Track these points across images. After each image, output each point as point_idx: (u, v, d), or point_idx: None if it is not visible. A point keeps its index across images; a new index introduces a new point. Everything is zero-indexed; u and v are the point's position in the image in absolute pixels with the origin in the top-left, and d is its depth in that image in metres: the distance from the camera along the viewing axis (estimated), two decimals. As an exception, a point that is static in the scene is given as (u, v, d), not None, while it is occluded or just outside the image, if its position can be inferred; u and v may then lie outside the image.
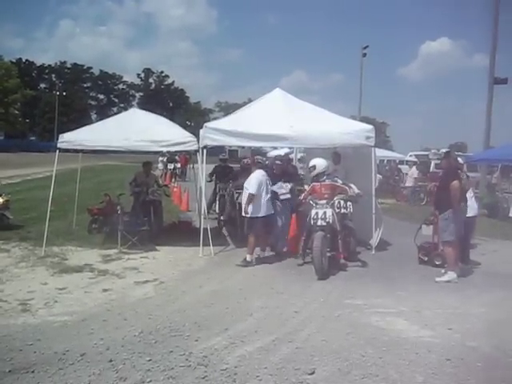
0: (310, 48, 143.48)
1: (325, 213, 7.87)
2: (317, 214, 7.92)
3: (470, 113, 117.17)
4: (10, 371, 4.13)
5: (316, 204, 8.11)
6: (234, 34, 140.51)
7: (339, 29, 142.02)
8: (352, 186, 8.86)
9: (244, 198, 8.59)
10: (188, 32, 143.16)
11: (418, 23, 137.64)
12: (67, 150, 9.47)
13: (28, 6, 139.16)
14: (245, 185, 8.67)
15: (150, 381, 4.03)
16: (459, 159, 9.15)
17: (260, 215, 8.44)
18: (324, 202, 8.12)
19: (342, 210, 8.53)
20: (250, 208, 8.40)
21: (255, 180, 8.47)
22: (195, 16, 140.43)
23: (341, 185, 8.58)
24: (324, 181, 8.48)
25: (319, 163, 8.67)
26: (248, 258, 8.36)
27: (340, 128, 9.68)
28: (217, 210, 12.08)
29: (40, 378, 4.04)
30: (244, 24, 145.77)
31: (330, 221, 7.85)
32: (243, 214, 8.62)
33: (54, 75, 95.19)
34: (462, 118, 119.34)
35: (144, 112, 11.49)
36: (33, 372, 4.13)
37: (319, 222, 7.85)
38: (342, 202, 8.52)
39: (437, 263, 8.30)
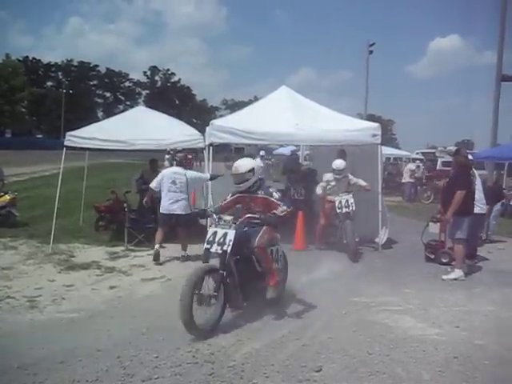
0: (317, 45, 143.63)
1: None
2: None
3: (477, 110, 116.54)
4: (18, 367, 4.15)
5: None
6: (241, 32, 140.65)
7: (346, 26, 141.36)
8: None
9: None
10: (196, 30, 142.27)
11: (425, 21, 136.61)
12: (74, 148, 9.49)
13: (35, 4, 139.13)
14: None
15: (158, 377, 4.04)
16: (470, 156, 9.00)
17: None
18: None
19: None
20: None
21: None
22: (204, 14, 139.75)
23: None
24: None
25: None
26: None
27: (346, 126, 9.65)
28: None
29: (48, 374, 4.06)
30: (252, 22, 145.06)
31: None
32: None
33: (60, 73, 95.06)
34: (469, 115, 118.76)
35: (149, 110, 11.54)
36: (41, 368, 4.15)
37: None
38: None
39: (443, 261, 8.28)
